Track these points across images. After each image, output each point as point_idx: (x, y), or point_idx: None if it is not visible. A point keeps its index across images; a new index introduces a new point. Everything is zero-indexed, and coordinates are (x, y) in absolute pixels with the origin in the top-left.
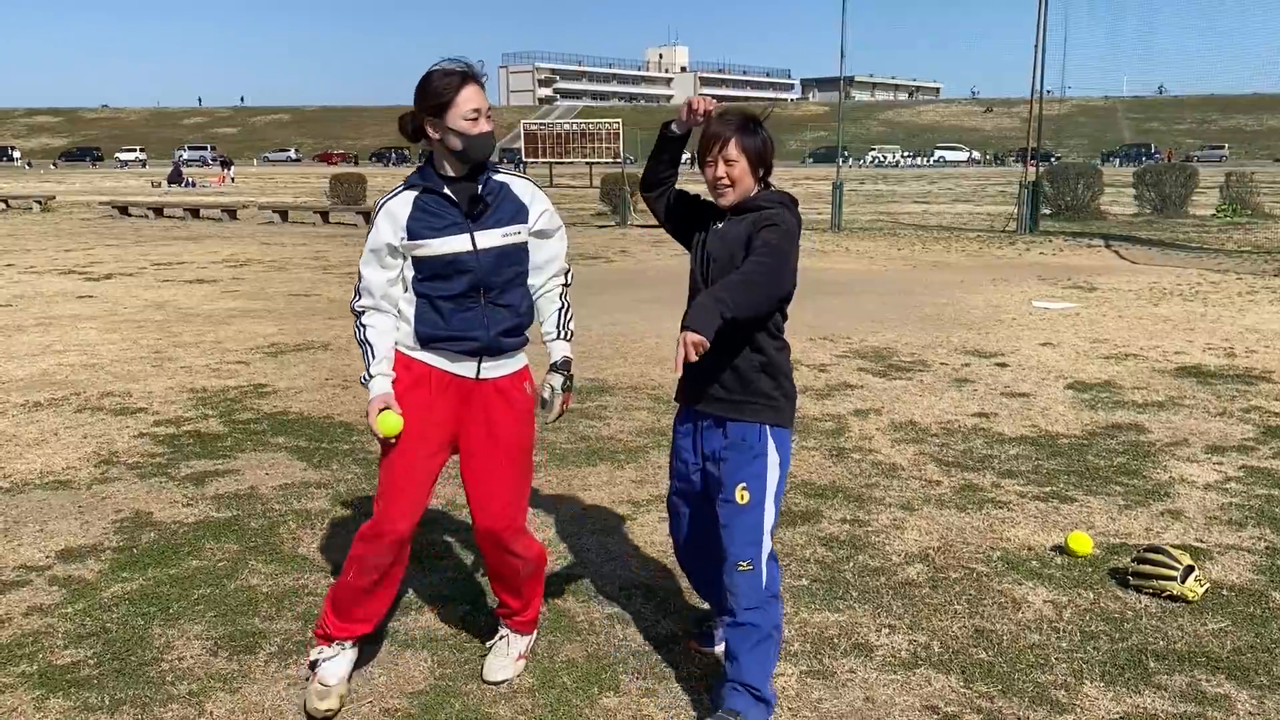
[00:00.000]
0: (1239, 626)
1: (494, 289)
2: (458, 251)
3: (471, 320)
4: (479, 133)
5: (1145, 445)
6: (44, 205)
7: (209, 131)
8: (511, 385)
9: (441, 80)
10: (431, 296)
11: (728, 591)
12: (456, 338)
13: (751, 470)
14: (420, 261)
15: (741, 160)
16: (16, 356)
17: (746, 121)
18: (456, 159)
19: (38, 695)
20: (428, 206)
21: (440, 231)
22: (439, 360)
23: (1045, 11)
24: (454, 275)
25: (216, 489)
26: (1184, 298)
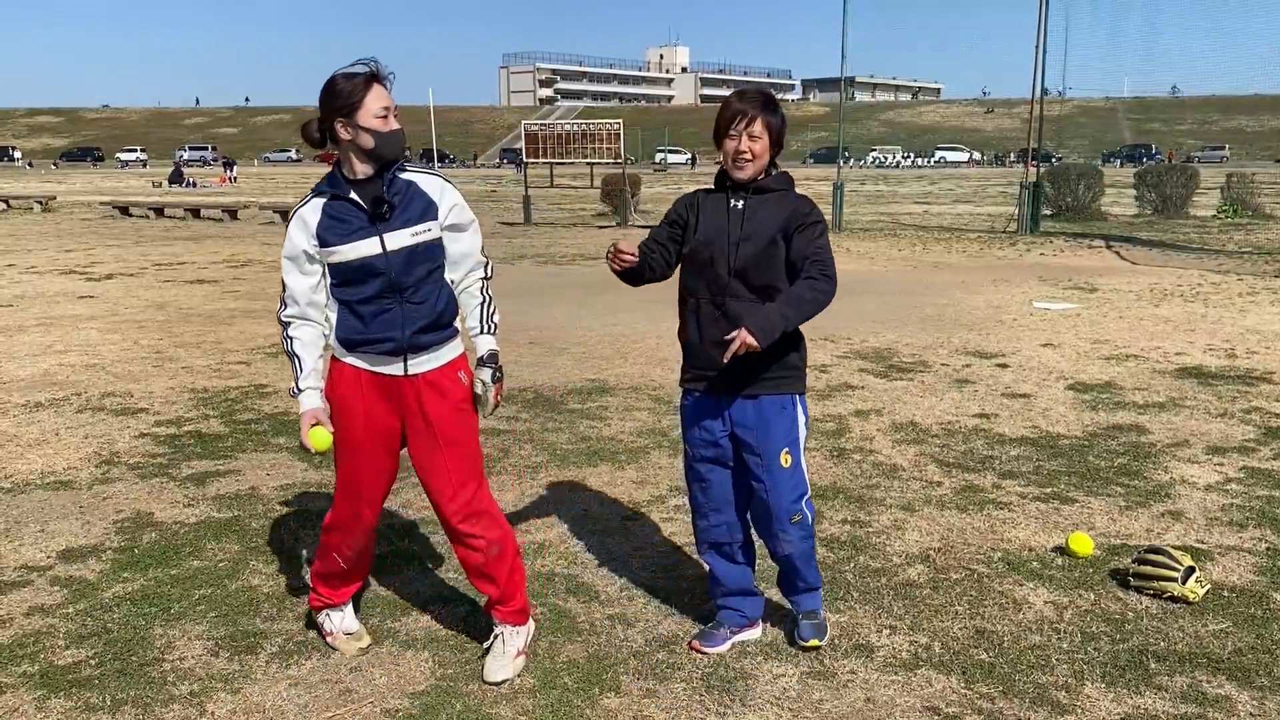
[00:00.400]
0: (1240, 627)
1: (408, 288)
2: (366, 255)
3: (389, 321)
4: (389, 130)
5: (1146, 446)
6: (45, 205)
7: (210, 132)
8: (443, 377)
9: (348, 83)
10: (349, 301)
11: (779, 539)
12: (375, 340)
13: (790, 437)
14: (334, 267)
15: (764, 137)
16: (18, 357)
17: (769, 99)
18: (369, 157)
19: (39, 695)
20: (335, 213)
21: (348, 237)
22: (364, 363)
23: (1046, 12)
24: (366, 279)
25: (217, 489)
26: (1185, 298)
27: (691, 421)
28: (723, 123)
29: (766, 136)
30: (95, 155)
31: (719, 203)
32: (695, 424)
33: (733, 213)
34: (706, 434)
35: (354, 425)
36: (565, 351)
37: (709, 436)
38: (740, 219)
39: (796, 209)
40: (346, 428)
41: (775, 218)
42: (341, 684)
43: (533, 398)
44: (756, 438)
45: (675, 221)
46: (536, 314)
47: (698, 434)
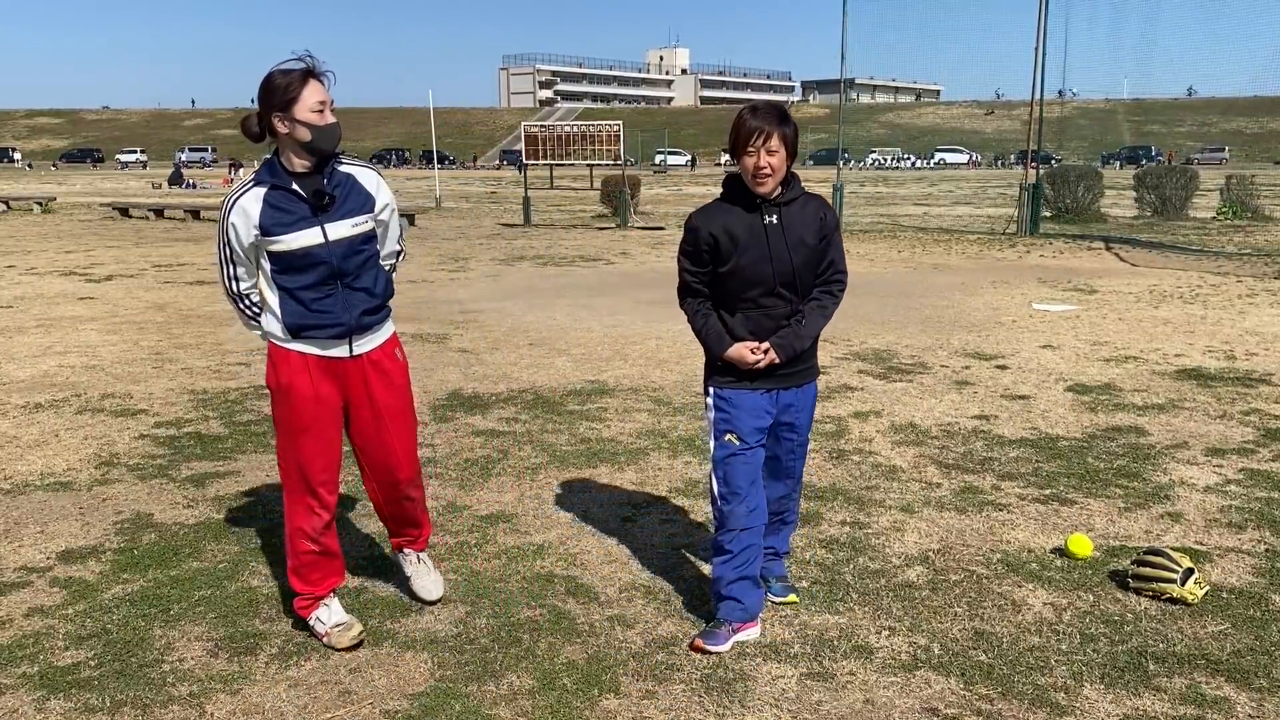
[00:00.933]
0: (1239, 629)
1: (349, 274)
2: (309, 245)
3: (332, 305)
4: (326, 124)
5: (1145, 448)
6: (45, 207)
7: (209, 133)
8: (383, 355)
9: (284, 78)
10: (290, 288)
11: (790, 499)
12: (323, 325)
13: (814, 416)
14: (275, 255)
15: (782, 150)
16: (17, 358)
17: (783, 113)
18: (305, 150)
19: (38, 696)
20: (276, 202)
21: (290, 227)
22: (312, 348)
23: (1045, 14)
24: (308, 267)
25: (217, 490)
26: (1184, 300)
27: (743, 415)
28: (740, 140)
29: (784, 149)
30: (95, 156)
31: (751, 222)
32: (748, 415)
33: (771, 230)
34: (758, 422)
35: (306, 410)
36: (565, 353)
37: (760, 424)
38: (782, 235)
39: (823, 218)
40: (299, 413)
41: (809, 231)
42: (341, 685)
43: (532, 399)
44: (800, 419)
45: (703, 254)
46: (536, 315)
47: (748, 421)
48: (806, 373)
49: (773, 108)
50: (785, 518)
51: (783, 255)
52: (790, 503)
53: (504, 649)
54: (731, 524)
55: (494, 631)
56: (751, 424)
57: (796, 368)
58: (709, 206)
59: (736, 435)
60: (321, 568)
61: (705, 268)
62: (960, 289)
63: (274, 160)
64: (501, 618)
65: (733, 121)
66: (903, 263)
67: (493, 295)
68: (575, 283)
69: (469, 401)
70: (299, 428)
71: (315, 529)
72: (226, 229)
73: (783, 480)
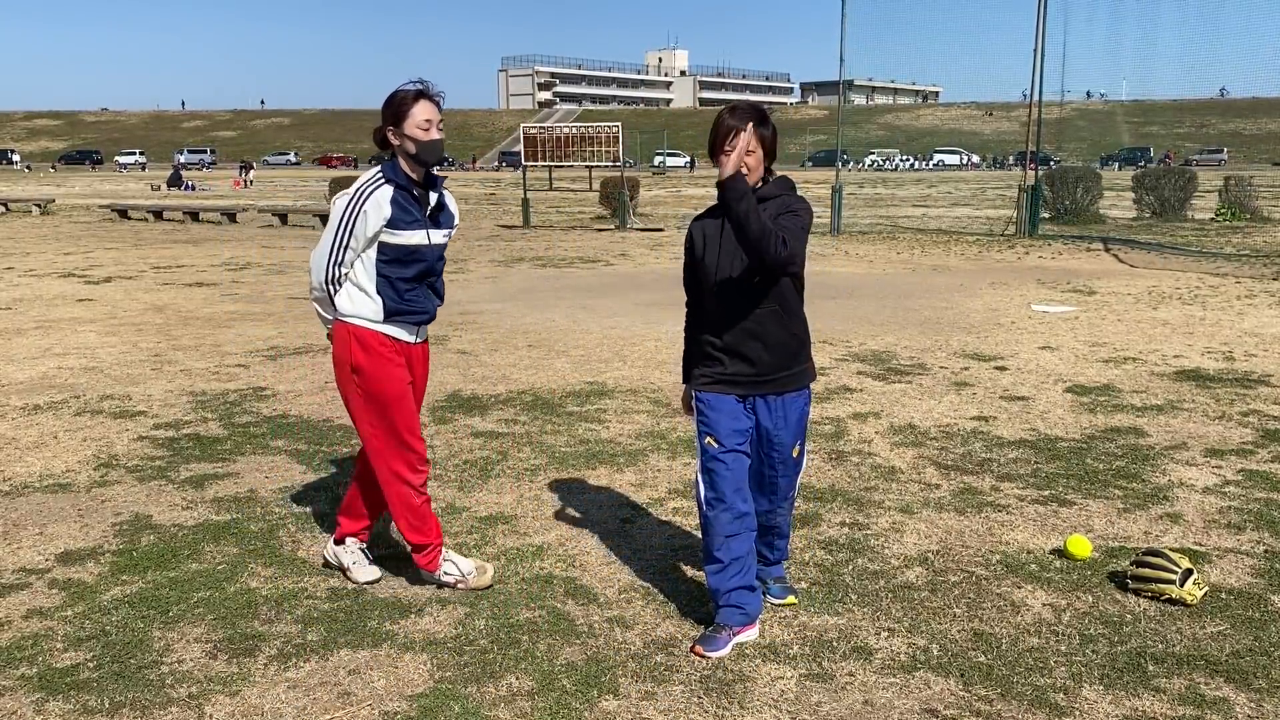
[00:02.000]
0: (1238, 630)
1: (434, 275)
2: (418, 244)
3: (419, 298)
4: (429, 139)
5: (1144, 449)
6: (44, 208)
7: (208, 135)
8: (426, 344)
9: (400, 96)
10: (390, 277)
11: (777, 515)
12: (414, 312)
13: (803, 428)
14: (387, 247)
15: (758, 150)
16: (16, 359)
17: (760, 113)
18: (412, 160)
19: (37, 698)
20: (403, 202)
21: (410, 225)
22: (398, 331)
23: (1044, 16)
24: (412, 262)
25: (216, 492)
26: (1183, 301)
27: (720, 417)
28: (718, 139)
29: (760, 149)
30: (94, 158)
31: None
32: (725, 418)
33: (728, 234)
34: (736, 424)
35: (398, 377)
36: (564, 354)
37: (739, 425)
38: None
39: (781, 203)
40: (394, 381)
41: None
42: (340, 686)
43: (531, 400)
44: (779, 434)
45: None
46: (535, 317)
47: (727, 424)
48: (782, 381)
49: (750, 107)
50: (776, 530)
51: (726, 258)
52: (778, 518)
53: (503, 650)
54: (716, 530)
55: (493, 633)
56: (729, 426)
57: (765, 374)
58: (704, 211)
59: (715, 438)
60: (432, 517)
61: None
62: (959, 290)
63: (394, 165)
64: (500, 619)
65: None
66: (902, 264)
67: (492, 296)
68: (574, 284)
69: (468, 403)
70: (395, 395)
71: (419, 482)
72: (356, 215)
73: (766, 495)
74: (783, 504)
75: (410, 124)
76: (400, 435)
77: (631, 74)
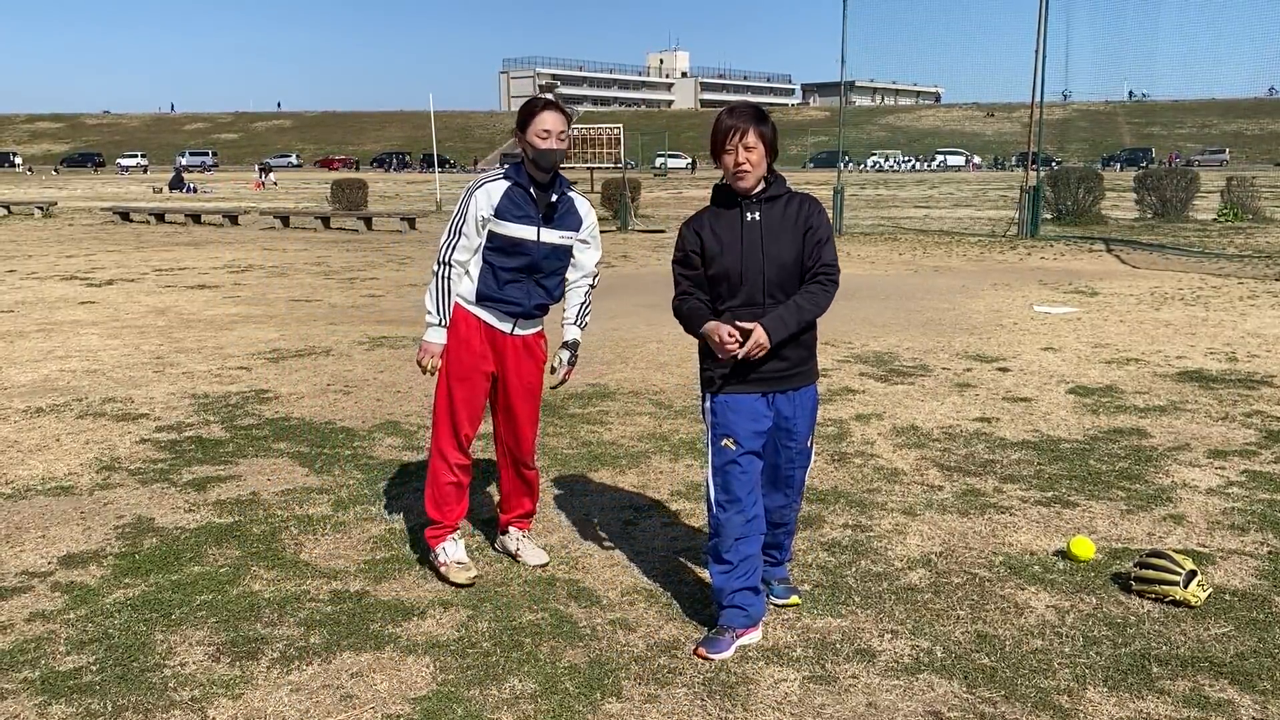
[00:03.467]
0: (1242, 631)
1: (541, 272)
2: (523, 237)
3: (518, 292)
4: (544, 148)
5: (1147, 450)
6: (46, 211)
7: (209, 137)
8: (534, 341)
9: (529, 105)
10: (494, 264)
11: (789, 510)
12: (504, 301)
13: (815, 420)
14: (495, 235)
15: (759, 146)
16: (18, 362)
17: (758, 111)
18: (532, 164)
19: (40, 702)
20: (515, 197)
21: (518, 219)
22: (487, 315)
23: (1046, 17)
24: (515, 254)
25: (218, 495)
26: (1185, 302)
27: (739, 419)
28: (718, 139)
29: (761, 146)
30: (96, 161)
31: (732, 220)
32: (745, 419)
33: (749, 227)
34: (756, 425)
35: (467, 359)
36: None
37: (758, 428)
38: (759, 232)
39: (808, 218)
40: (460, 360)
41: (792, 230)
42: (342, 689)
43: None
44: (798, 426)
45: (691, 256)
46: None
47: (743, 424)
48: (802, 375)
49: (749, 106)
50: (786, 528)
51: (759, 252)
52: (790, 512)
53: (506, 653)
54: (728, 532)
55: (496, 635)
56: (749, 428)
57: (791, 369)
58: (699, 213)
59: (733, 440)
60: (454, 500)
61: (696, 270)
62: (961, 291)
63: (520, 165)
64: (503, 621)
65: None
66: (903, 265)
67: None
68: None
69: None
70: (459, 375)
71: (451, 464)
72: (470, 201)
73: (782, 490)
74: (797, 498)
75: (531, 131)
76: (455, 413)
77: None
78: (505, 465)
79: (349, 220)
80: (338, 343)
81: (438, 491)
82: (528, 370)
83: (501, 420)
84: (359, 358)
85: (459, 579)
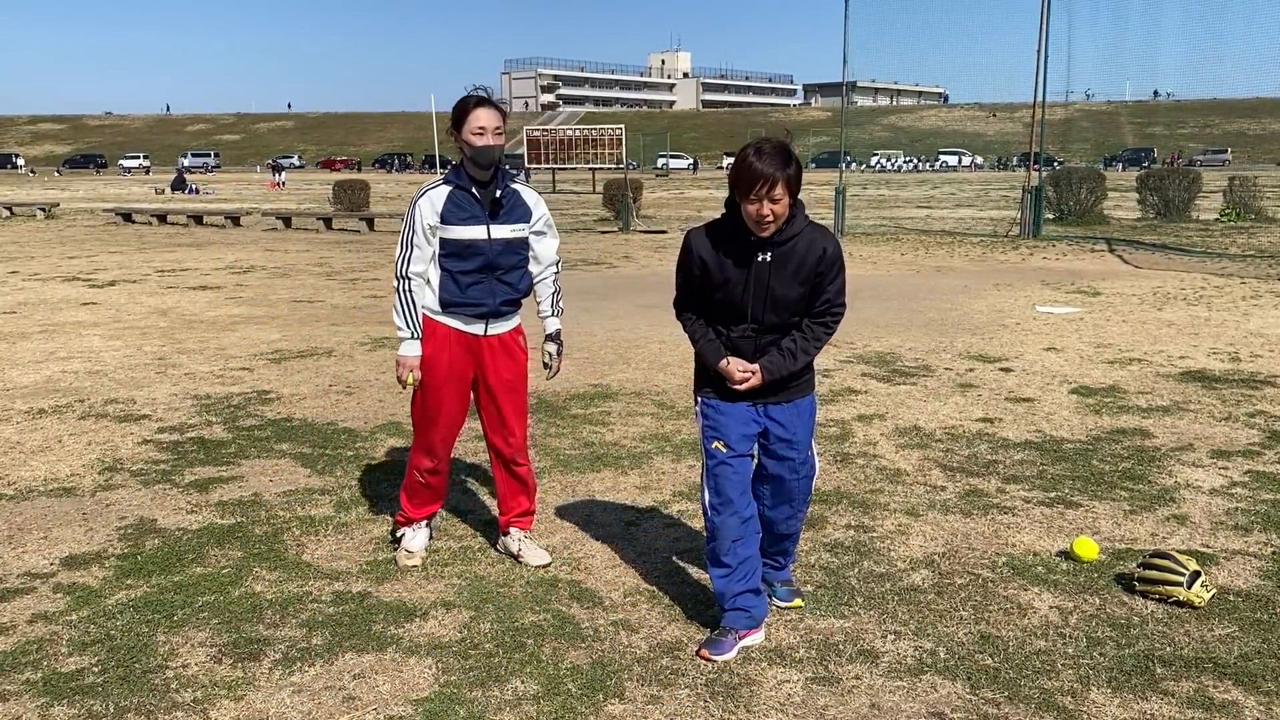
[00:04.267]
0: (1246, 632)
1: (500, 269)
2: (474, 238)
3: (481, 293)
4: (481, 145)
5: (1150, 450)
6: (48, 212)
7: (212, 138)
8: (510, 339)
9: (461, 103)
10: (451, 270)
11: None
12: (470, 303)
13: (812, 430)
14: (445, 241)
15: (785, 197)
16: (21, 363)
17: (786, 156)
18: (471, 163)
19: (42, 703)
20: (458, 201)
21: (463, 221)
22: (456, 322)
23: (1048, 18)
24: (469, 256)
25: (220, 496)
26: (1188, 302)
27: (730, 421)
28: (743, 186)
29: (787, 196)
30: (98, 162)
31: (743, 253)
32: (735, 423)
33: (759, 269)
34: (745, 429)
35: (440, 371)
36: (568, 356)
37: (748, 431)
38: (768, 273)
39: (821, 255)
40: (433, 371)
41: (802, 268)
42: (345, 690)
43: (535, 403)
44: (796, 435)
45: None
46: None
47: (738, 429)
48: (796, 390)
49: (778, 151)
50: (793, 537)
51: (765, 295)
52: (796, 522)
53: (508, 654)
54: (724, 535)
55: (498, 636)
56: (739, 431)
57: (783, 387)
58: (710, 227)
59: (724, 443)
60: (424, 497)
61: (696, 292)
62: (963, 292)
63: (460, 167)
64: (505, 623)
65: (735, 158)
66: (905, 265)
67: None
68: (577, 287)
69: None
70: (431, 386)
71: (424, 469)
72: (415, 211)
73: (787, 502)
74: (803, 508)
75: (467, 129)
76: (425, 423)
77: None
78: (497, 466)
79: (351, 221)
80: (340, 344)
81: (410, 486)
82: (506, 368)
83: (487, 421)
84: (361, 358)
85: (403, 563)
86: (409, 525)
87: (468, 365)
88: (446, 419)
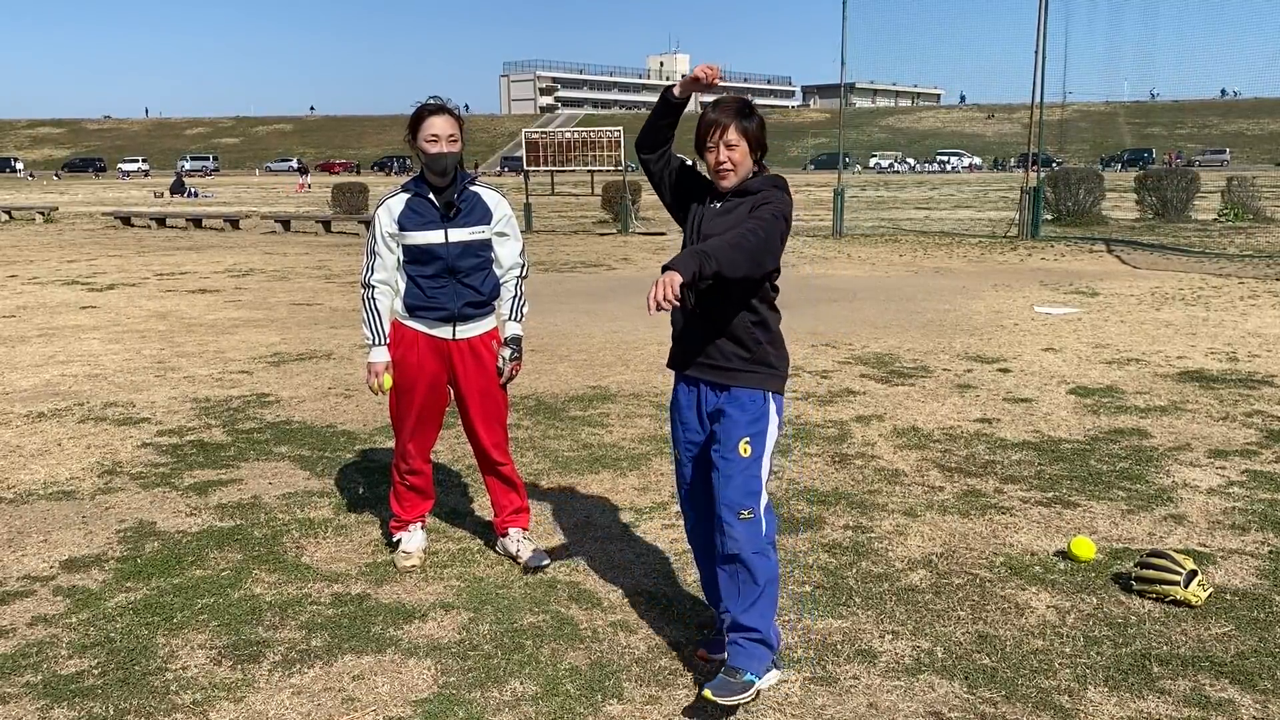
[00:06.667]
0: (1243, 631)
1: (460, 272)
2: (431, 243)
3: (443, 295)
4: (435, 152)
5: (1148, 450)
6: (47, 216)
7: (211, 142)
8: (481, 343)
9: (416, 111)
10: (414, 276)
11: (728, 539)
12: (433, 307)
13: (755, 428)
14: (405, 248)
15: (742, 144)
16: (20, 367)
17: (743, 106)
18: (428, 169)
19: (42, 705)
20: (415, 207)
21: (421, 226)
22: (422, 326)
23: (1045, 18)
24: (429, 260)
25: (220, 498)
26: (1186, 302)
27: (676, 417)
28: (700, 136)
29: (744, 143)
30: (97, 166)
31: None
32: (679, 419)
33: (709, 211)
34: (689, 429)
35: (408, 375)
36: (567, 359)
37: (691, 432)
38: (715, 217)
39: (758, 198)
40: (402, 373)
41: (743, 214)
42: (344, 692)
43: (534, 405)
44: (722, 425)
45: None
46: (538, 321)
47: (680, 431)
48: (740, 375)
49: (734, 100)
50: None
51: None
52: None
53: (507, 655)
54: (690, 543)
55: (497, 637)
56: (680, 434)
57: (724, 361)
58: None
59: (674, 444)
60: (411, 499)
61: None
62: (962, 292)
63: (420, 175)
64: (504, 624)
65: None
66: (904, 266)
67: None
68: (577, 288)
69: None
70: (402, 388)
71: (403, 470)
72: (375, 221)
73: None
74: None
75: (421, 137)
76: (401, 420)
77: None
78: (482, 468)
79: (350, 224)
80: (339, 346)
81: (396, 489)
82: (475, 374)
83: (465, 424)
84: (360, 361)
85: (401, 565)
86: (403, 529)
87: (439, 368)
88: (418, 421)
